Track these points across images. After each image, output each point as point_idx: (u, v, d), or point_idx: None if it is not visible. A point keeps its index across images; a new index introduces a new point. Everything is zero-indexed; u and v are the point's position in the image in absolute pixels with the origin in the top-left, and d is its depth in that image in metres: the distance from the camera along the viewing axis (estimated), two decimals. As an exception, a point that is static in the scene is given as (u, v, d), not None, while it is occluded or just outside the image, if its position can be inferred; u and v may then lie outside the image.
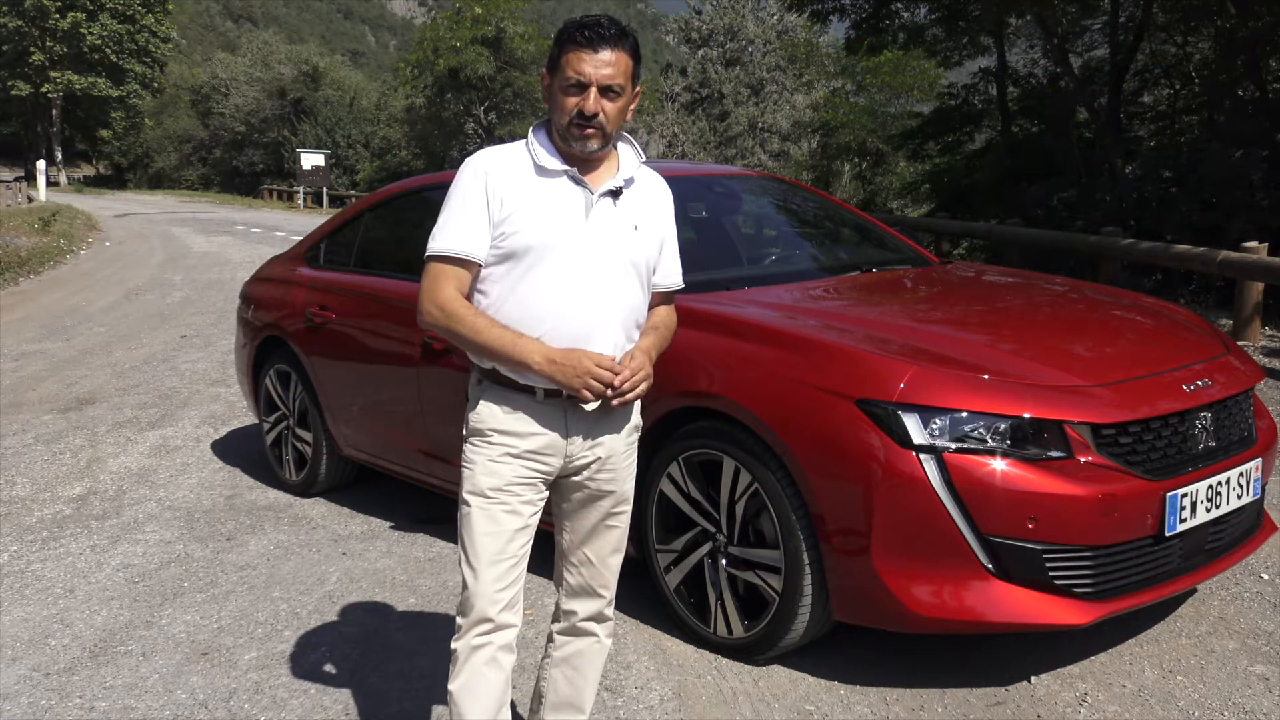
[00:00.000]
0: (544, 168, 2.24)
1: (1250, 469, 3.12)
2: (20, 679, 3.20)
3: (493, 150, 2.29)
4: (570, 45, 2.16)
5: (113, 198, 44.19)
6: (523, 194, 2.21)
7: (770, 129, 30.17)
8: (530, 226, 2.19)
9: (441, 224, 2.25)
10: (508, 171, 2.23)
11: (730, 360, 3.11)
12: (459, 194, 2.25)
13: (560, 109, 2.19)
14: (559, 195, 2.23)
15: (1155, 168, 12.17)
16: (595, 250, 2.23)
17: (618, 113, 2.20)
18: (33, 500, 4.94)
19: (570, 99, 2.17)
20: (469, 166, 2.27)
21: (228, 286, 12.61)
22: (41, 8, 52.59)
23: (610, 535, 2.41)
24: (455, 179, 2.27)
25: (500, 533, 2.23)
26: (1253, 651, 3.16)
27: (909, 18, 16.45)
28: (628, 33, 2.20)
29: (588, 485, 2.35)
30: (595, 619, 2.45)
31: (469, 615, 2.24)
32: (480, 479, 2.25)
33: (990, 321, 3.55)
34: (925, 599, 2.78)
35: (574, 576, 2.43)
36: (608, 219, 2.25)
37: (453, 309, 2.20)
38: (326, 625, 3.53)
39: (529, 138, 2.29)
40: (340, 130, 45.64)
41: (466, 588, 2.24)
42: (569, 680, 2.47)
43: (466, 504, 2.26)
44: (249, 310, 5.18)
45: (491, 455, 2.25)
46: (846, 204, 5.13)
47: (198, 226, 24.95)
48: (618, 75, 2.16)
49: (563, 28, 2.21)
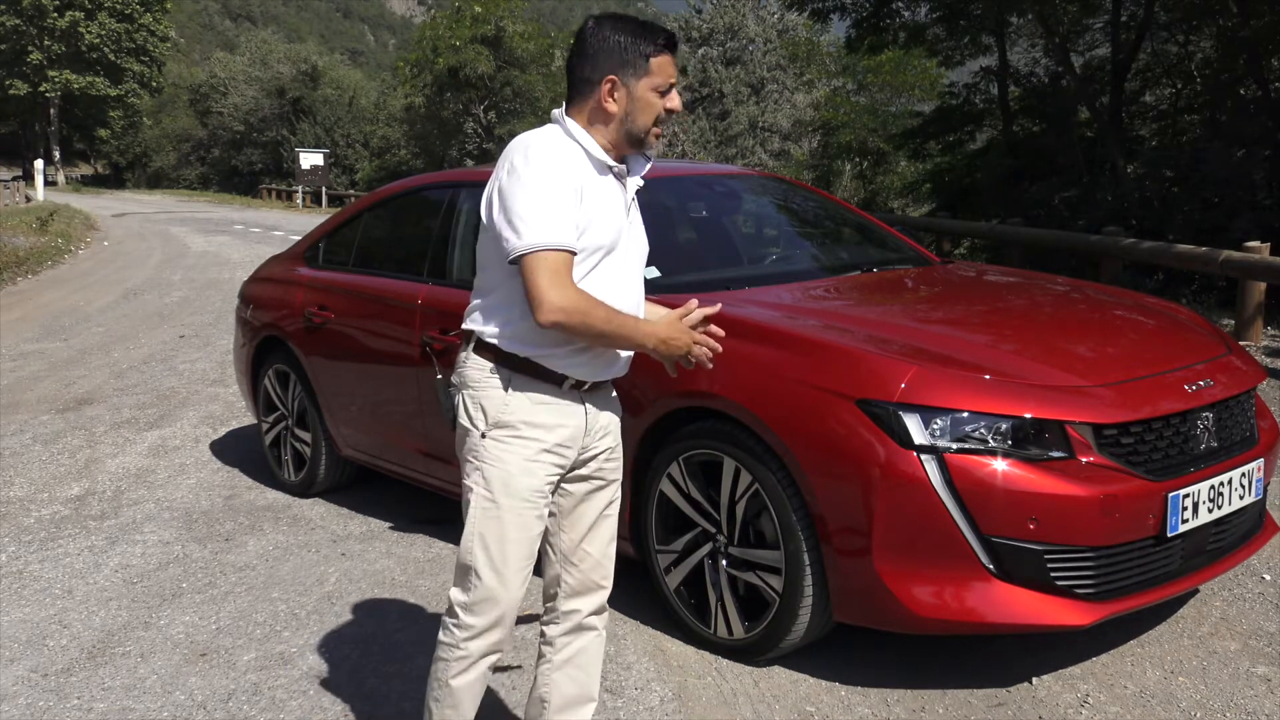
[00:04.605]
0: (602, 163, 2.25)
1: (1252, 469, 3.11)
2: (18, 680, 3.20)
3: (554, 137, 2.21)
4: (658, 50, 2.23)
5: (111, 197, 44.14)
6: (595, 189, 2.22)
7: (771, 128, 30.15)
8: (602, 224, 2.21)
9: (538, 215, 2.09)
10: (582, 165, 2.21)
11: (731, 360, 3.07)
12: (548, 181, 2.12)
13: (649, 110, 2.24)
14: (613, 193, 2.28)
15: (1157, 167, 12.17)
16: (634, 247, 2.34)
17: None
18: (31, 501, 4.93)
19: (661, 100, 2.25)
20: (547, 153, 2.15)
21: (226, 286, 12.60)
22: (39, 6, 52.56)
23: (607, 525, 2.43)
24: (529, 164, 2.13)
25: (531, 538, 2.25)
26: (1255, 652, 3.15)
27: (910, 17, 16.45)
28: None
29: (595, 476, 2.36)
30: (597, 613, 2.45)
31: (486, 617, 2.25)
32: (518, 479, 2.21)
33: (991, 321, 3.54)
34: (926, 600, 2.77)
35: (574, 576, 2.41)
36: (636, 217, 2.37)
37: (587, 302, 2.12)
38: (325, 626, 3.52)
39: (568, 129, 2.23)
40: (339, 129, 45.68)
41: (485, 588, 2.22)
42: (573, 680, 2.45)
43: (496, 504, 2.21)
44: (248, 310, 5.17)
45: (526, 453, 2.21)
46: (847, 203, 5.12)
47: (196, 226, 24.93)
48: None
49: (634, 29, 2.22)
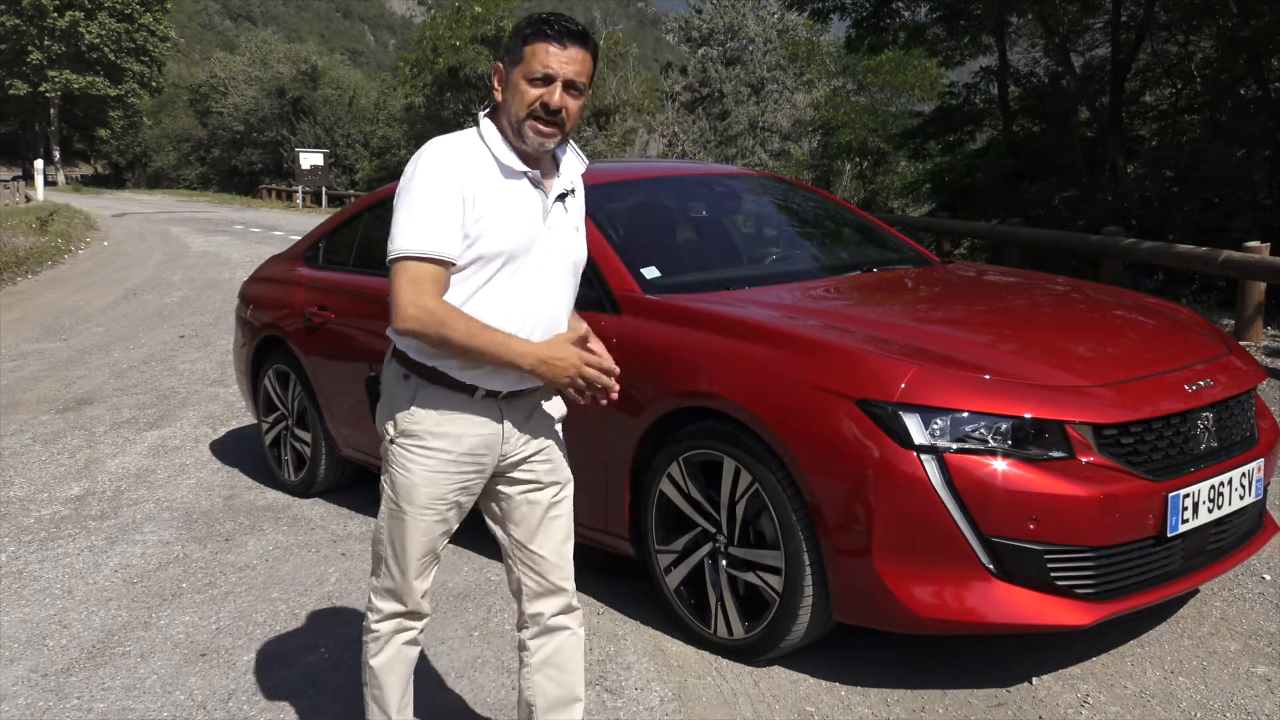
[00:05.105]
0: (509, 168, 2.19)
1: (1252, 469, 3.11)
2: (18, 680, 3.19)
3: (453, 143, 2.20)
4: (539, 38, 2.14)
5: (111, 197, 44.13)
6: (493, 195, 2.17)
7: (771, 128, 30.14)
8: (501, 231, 2.16)
9: (412, 222, 2.12)
10: (477, 170, 2.16)
11: (730, 360, 3.09)
12: (429, 189, 2.13)
13: (521, 99, 2.14)
14: (523, 198, 2.21)
15: (1157, 167, 12.17)
16: (552, 255, 2.25)
17: (578, 112, 2.20)
18: (30, 501, 4.93)
19: (534, 90, 2.14)
20: (435, 159, 2.16)
21: (226, 286, 12.60)
22: (39, 6, 52.55)
23: (557, 525, 2.37)
24: (416, 171, 2.16)
25: (432, 539, 2.31)
26: (1255, 652, 3.15)
27: (910, 16, 16.45)
28: (590, 33, 2.20)
29: (528, 480, 2.33)
30: (564, 612, 2.41)
31: (391, 604, 2.35)
32: (420, 489, 2.24)
33: (991, 321, 3.54)
34: (926, 600, 2.77)
35: (531, 578, 2.38)
36: (560, 223, 2.27)
37: (444, 313, 2.11)
38: (325, 626, 3.52)
39: (482, 131, 2.21)
40: (339, 129, 45.63)
41: (390, 579, 2.33)
42: (554, 680, 2.42)
43: (399, 508, 2.27)
44: (248, 310, 5.17)
45: (430, 464, 2.23)
46: (847, 203, 5.12)
47: (196, 226, 24.92)
48: (583, 74, 2.17)
49: (529, 20, 2.18)
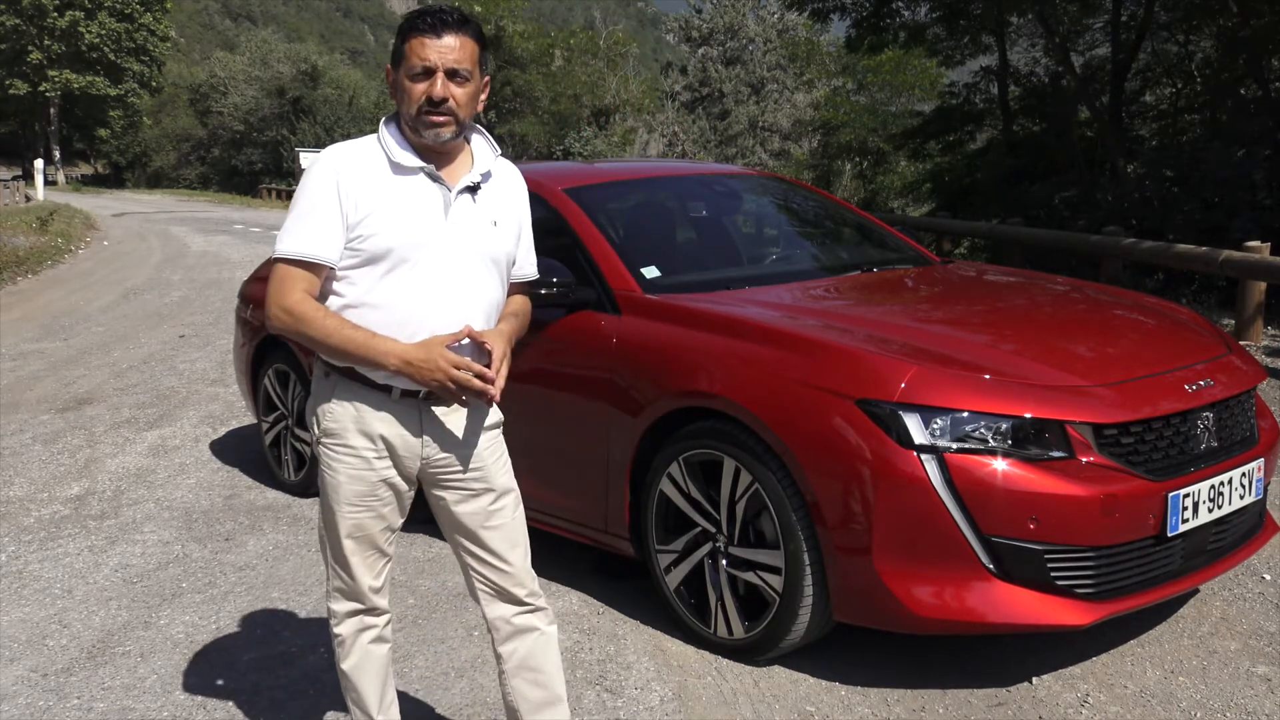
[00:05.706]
0: (400, 165, 2.18)
1: (1252, 469, 3.11)
2: (18, 679, 3.19)
3: (343, 147, 2.22)
4: (413, 33, 2.13)
5: (111, 197, 44.11)
6: (379, 194, 2.16)
7: (771, 128, 30.17)
8: (389, 228, 2.15)
9: (290, 225, 2.16)
10: (361, 170, 2.17)
11: (730, 360, 3.09)
12: (308, 194, 2.16)
13: (409, 98, 2.14)
14: (417, 194, 2.18)
15: (1157, 167, 12.16)
16: (456, 249, 2.19)
17: (468, 99, 2.17)
18: (30, 500, 4.93)
19: (418, 86, 2.13)
20: (321, 164, 2.18)
21: (226, 286, 12.60)
22: (39, 6, 52.58)
23: (497, 534, 2.31)
24: (304, 178, 2.19)
25: (368, 536, 2.29)
26: (1255, 652, 3.15)
27: (910, 16, 16.45)
28: (470, 19, 2.18)
29: (458, 486, 2.29)
30: (527, 613, 2.37)
31: (346, 604, 2.35)
32: (345, 487, 2.24)
33: (991, 321, 3.54)
34: (926, 599, 2.77)
35: (483, 584, 2.35)
36: (467, 216, 2.22)
37: (301, 311, 2.13)
38: (325, 626, 3.51)
39: (380, 133, 2.22)
40: (339, 129, 45.59)
41: (338, 578, 2.33)
42: (532, 682, 2.39)
43: (329, 507, 2.27)
44: (248, 310, 5.17)
45: (352, 462, 2.23)
46: (847, 203, 5.12)
47: (196, 226, 24.92)
48: (465, 60, 2.14)
49: (403, 19, 2.19)
